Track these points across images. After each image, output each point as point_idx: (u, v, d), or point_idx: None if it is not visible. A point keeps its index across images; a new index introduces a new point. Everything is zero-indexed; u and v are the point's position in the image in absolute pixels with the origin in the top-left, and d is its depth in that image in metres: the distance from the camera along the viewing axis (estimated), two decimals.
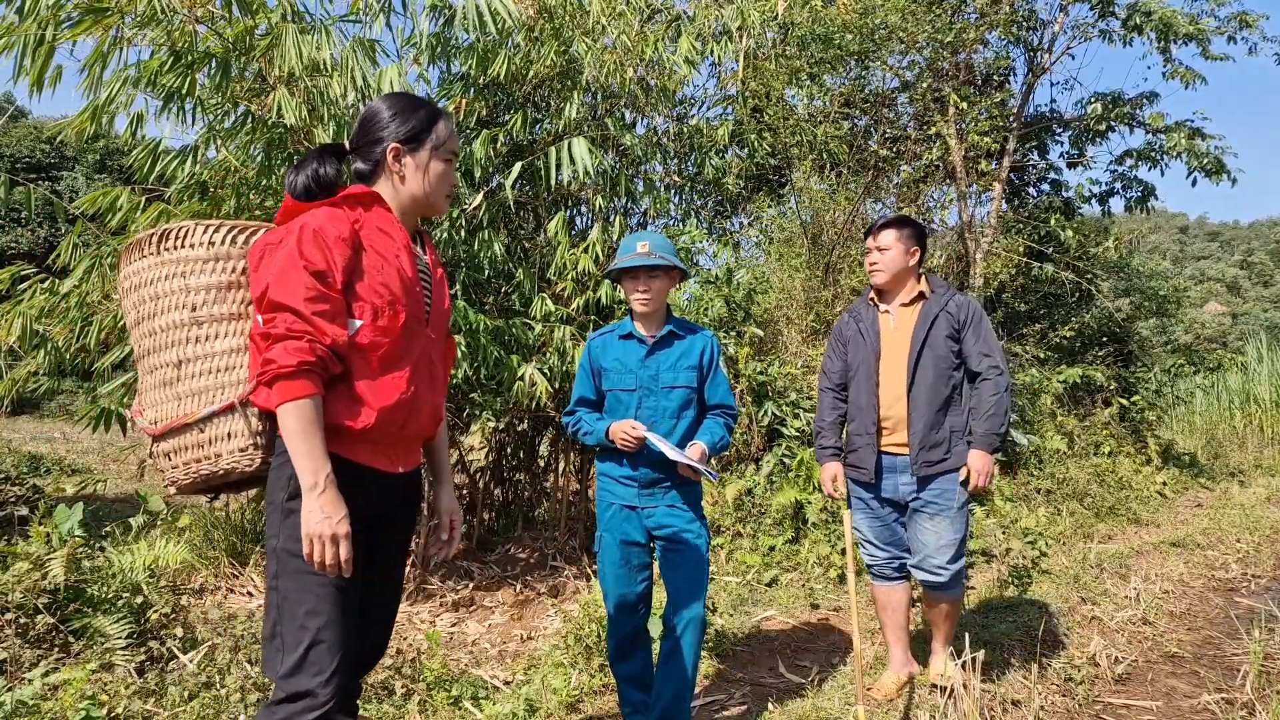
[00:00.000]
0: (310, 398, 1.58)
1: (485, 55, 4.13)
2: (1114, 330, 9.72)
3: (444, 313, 1.93)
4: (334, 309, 1.64)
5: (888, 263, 3.07)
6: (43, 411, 15.82)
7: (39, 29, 3.19)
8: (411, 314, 1.76)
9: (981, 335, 3.01)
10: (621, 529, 2.63)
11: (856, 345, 3.17)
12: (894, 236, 3.07)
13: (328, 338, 1.61)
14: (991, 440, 2.93)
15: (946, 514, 2.99)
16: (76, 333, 3.82)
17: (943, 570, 2.99)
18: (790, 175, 7.92)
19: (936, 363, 2.99)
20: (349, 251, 1.68)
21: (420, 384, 1.79)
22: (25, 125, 22.25)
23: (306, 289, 1.61)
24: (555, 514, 5.33)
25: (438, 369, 1.87)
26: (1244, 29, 8.25)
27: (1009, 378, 3.00)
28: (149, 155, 3.89)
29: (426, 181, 1.83)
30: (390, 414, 1.71)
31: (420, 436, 1.87)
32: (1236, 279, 50.55)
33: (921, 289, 3.10)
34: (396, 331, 1.71)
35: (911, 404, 3.01)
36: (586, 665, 3.23)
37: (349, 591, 1.66)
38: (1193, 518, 6.86)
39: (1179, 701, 3.13)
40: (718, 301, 5.71)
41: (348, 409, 1.67)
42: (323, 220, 1.68)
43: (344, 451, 1.67)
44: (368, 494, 1.72)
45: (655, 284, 2.63)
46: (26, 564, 2.98)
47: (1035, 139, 9.34)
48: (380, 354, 1.70)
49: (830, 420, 3.23)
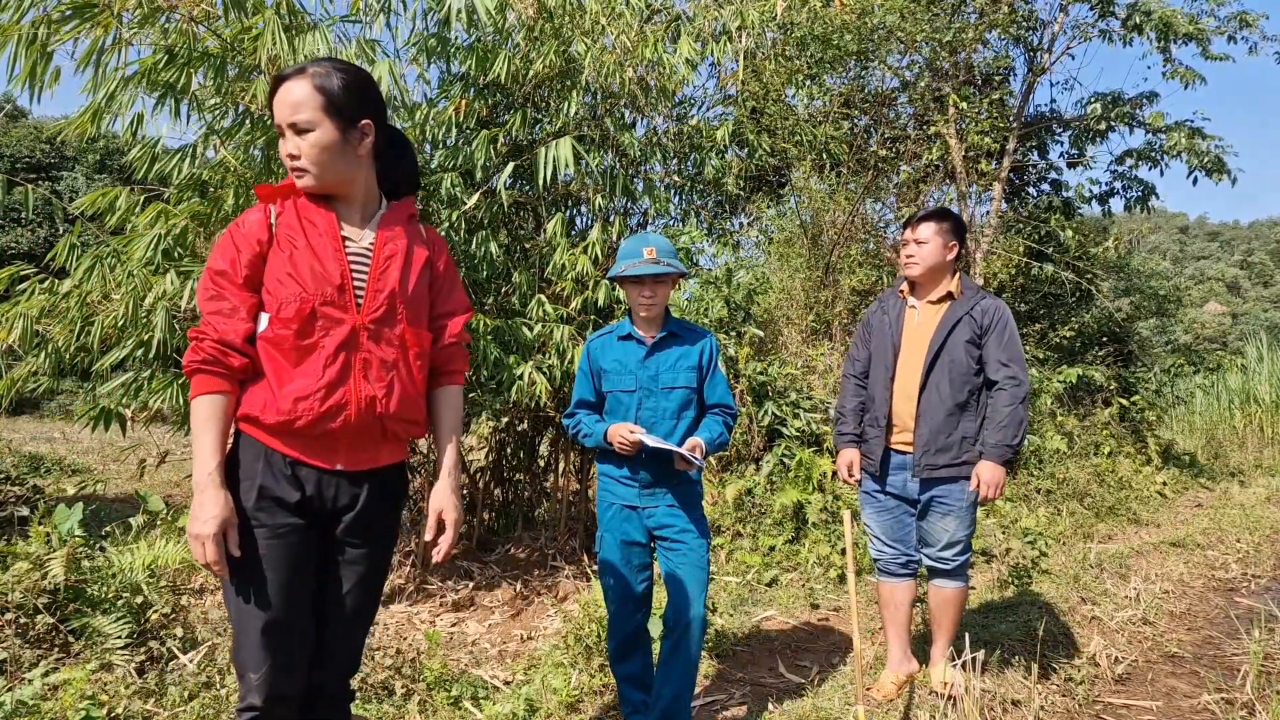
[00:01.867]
0: (203, 396, 1.64)
1: (485, 55, 4.13)
2: (1114, 330, 9.72)
3: (390, 295, 1.75)
4: (230, 306, 1.67)
5: (925, 256, 3.02)
6: (43, 411, 15.83)
7: (31, 28, 3.18)
8: (325, 302, 1.67)
9: (1003, 343, 2.94)
10: (622, 529, 2.63)
11: (880, 335, 3.14)
12: (933, 229, 3.01)
13: (216, 335, 1.65)
14: (1003, 452, 2.87)
15: (955, 514, 3.00)
16: (76, 332, 3.82)
17: (948, 562, 3.06)
18: (790, 175, 7.93)
19: (953, 367, 2.95)
20: (257, 248, 1.69)
21: (339, 375, 1.68)
22: (25, 125, 22.24)
23: (205, 289, 1.69)
24: (555, 514, 5.33)
25: (375, 358, 1.73)
26: (1244, 29, 8.25)
27: (1028, 389, 2.92)
28: (147, 154, 3.89)
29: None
30: (299, 407, 1.66)
31: (363, 432, 1.73)
32: (1236, 279, 50.56)
33: (950, 289, 3.06)
34: (299, 322, 1.66)
35: (921, 406, 2.99)
36: (586, 665, 3.23)
37: (272, 599, 1.66)
38: (1193, 518, 6.86)
39: (1179, 701, 3.13)
40: (717, 302, 5.71)
41: (261, 402, 1.68)
42: (244, 217, 1.72)
43: (277, 445, 1.69)
44: (305, 490, 1.70)
45: (660, 290, 2.63)
46: (26, 564, 2.98)
47: (1035, 139, 9.34)
48: (285, 346, 1.67)
49: (851, 407, 3.21)
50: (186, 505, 5.24)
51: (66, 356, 3.89)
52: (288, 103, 1.67)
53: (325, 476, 1.73)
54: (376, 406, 1.73)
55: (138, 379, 3.90)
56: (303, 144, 1.68)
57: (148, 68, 3.41)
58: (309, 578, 1.74)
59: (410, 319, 1.80)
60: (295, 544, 1.69)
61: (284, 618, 1.67)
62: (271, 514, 1.68)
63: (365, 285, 1.74)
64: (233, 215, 3.89)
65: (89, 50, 3.33)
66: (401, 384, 1.77)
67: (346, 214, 1.79)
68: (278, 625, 1.66)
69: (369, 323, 1.72)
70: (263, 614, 1.65)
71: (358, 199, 1.80)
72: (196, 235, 3.91)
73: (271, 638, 1.65)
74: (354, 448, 1.75)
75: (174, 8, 3.37)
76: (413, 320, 1.80)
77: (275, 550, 1.67)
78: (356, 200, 1.80)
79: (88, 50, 3.33)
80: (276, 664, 1.65)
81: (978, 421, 2.97)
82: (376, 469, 1.80)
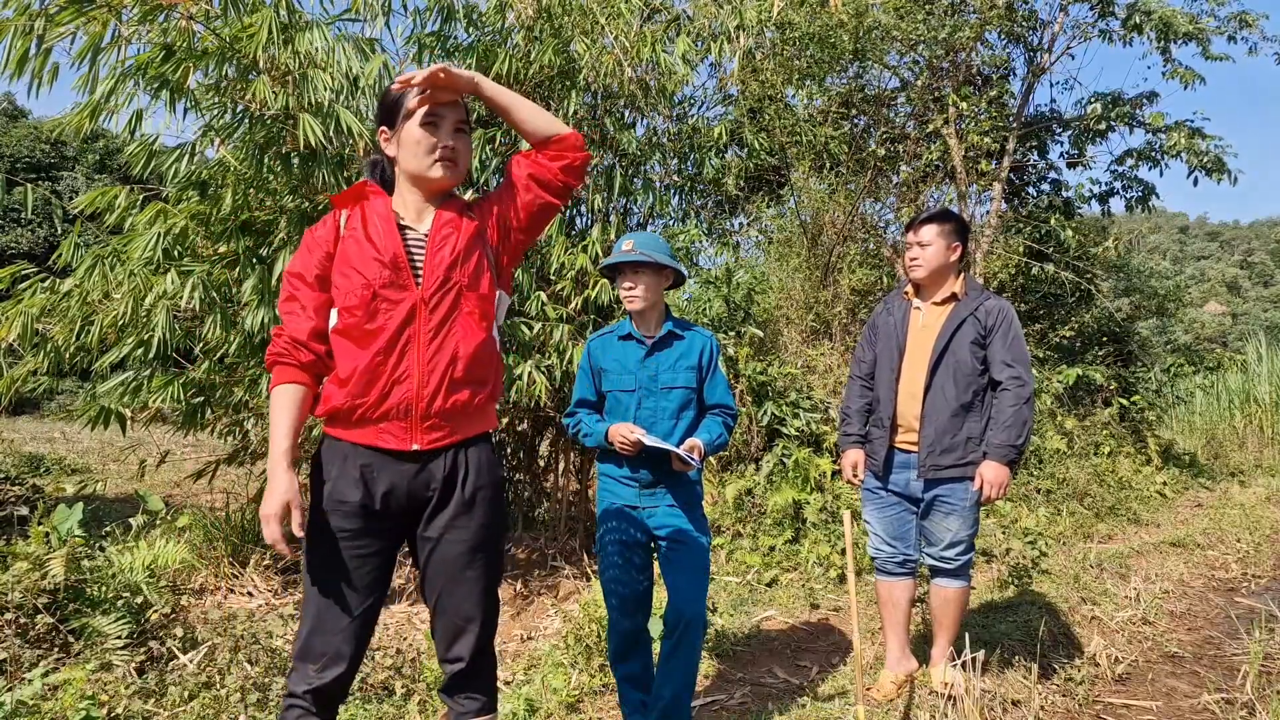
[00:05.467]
0: (278, 386, 1.79)
1: (485, 54, 4.13)
2: (1114, 330, 9.72)
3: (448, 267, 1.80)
4: (300, 305, 1.81)
5: (928, 258, 3.03)
6: (43, 411, 15.82)
7: (27, 19, 3.17)
8: (385, 285, 1.75)
9: (1008, 343, 2.94)
10: (622, 529, 2.63)
11: (885, 337, 3.16)
12: (935, 231, 3.02)
13: (288, 332, 1.81)
14: (1007, 452, 2.87)
15: (959, 513, 3.00)
16: (76, 332, 3.82)
17: (950, 561, 3.05)
18: (789, 175, 7.93)
19: (958, 367, 2.96)
20: (325, 249, 1.82)
21: (403, 348, 1.74)
22: (25, 125, 22.23)
23: (282, 291, 1.85)
24: (555, 514, 5.33)
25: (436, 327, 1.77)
26: (1244, 29, 8.24)
27: (1032, 389, 2.92)
28: (143, 151, 3.89)
29: (408, 153, 1.84)
30: (357, 386, 1.74)
31: (427, 409, 1.76)
32: (1236, 279, 50.56)
33: (955, 289, 3.06)
34: (363, 309, 1.75)
35: (926, 407, 2.99)
36: (586, 665, 3.22)
37: (336, 589, 1.73)
38: (1193, 518, 6.86)
39: (1179, 701, 3.13)
40: (717, 302, 5.71)
41: (332, 391, 1.79)
42: (316, 225, 1.87)
43: (354, 437, 1.76)
44: (375, 490, 1.76)
45: (642, 281, 2.62)
46: (26, 564, 2.98)
47: (1035, 139, 9.33)
48: (354, 334, 1.77)
49: (856, 408, 3.22)
50: (186, 505, 5.24)
51: (66, 356, 3.89)
52: (455, 102, 1.83)
53: (406, 458, 1.77)
54: (441, 373, 1.77)
55: (138, 378, 3.90)
56: (459, 143, 1.84)
57: (144, 64, 3.41)
58: (370, 584, 1.79)
59: (469, 284, 1.82)
60: (353, 549, 1.76)
61: (338, 619, 1.74)
62: (337, 516, 1.76)
63: (424, 263, 1.81)
64: (232, 215, 3.90)
65: (86, 45, 3.32)
66: (464, 346, 1.79)
67: (416, 206, 1.87)
68: (331, 626, 1.73)
69: (428, 295, 1.78)
70: (317, 609, 1.74)
71: (440, 199, 1.90)
72: (196, 235, 3.91)
73: (320, 635, 1.73)
74: (426, 425, 1.77)
75: (173, 5, 3.37)
76: (471, 284, 1.82)
77: (338, 551, 1.75)
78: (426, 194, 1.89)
79: (84, 45, 3.32)
80: (320, 657, 1.72)
81: (983, 422, 2.97)
82: (454, 444, 1.80)
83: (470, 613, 1.81)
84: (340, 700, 1.82)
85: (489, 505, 1.83)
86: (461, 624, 1.81)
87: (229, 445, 4.71)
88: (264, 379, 4.11)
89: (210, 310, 3.72)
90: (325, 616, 1.74)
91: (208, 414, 4.23)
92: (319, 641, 1.74)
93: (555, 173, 1.88)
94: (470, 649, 1.82)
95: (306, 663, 1.74)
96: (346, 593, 1.75)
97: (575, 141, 1.88)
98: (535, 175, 1.88)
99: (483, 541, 1.82)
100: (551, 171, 1.88)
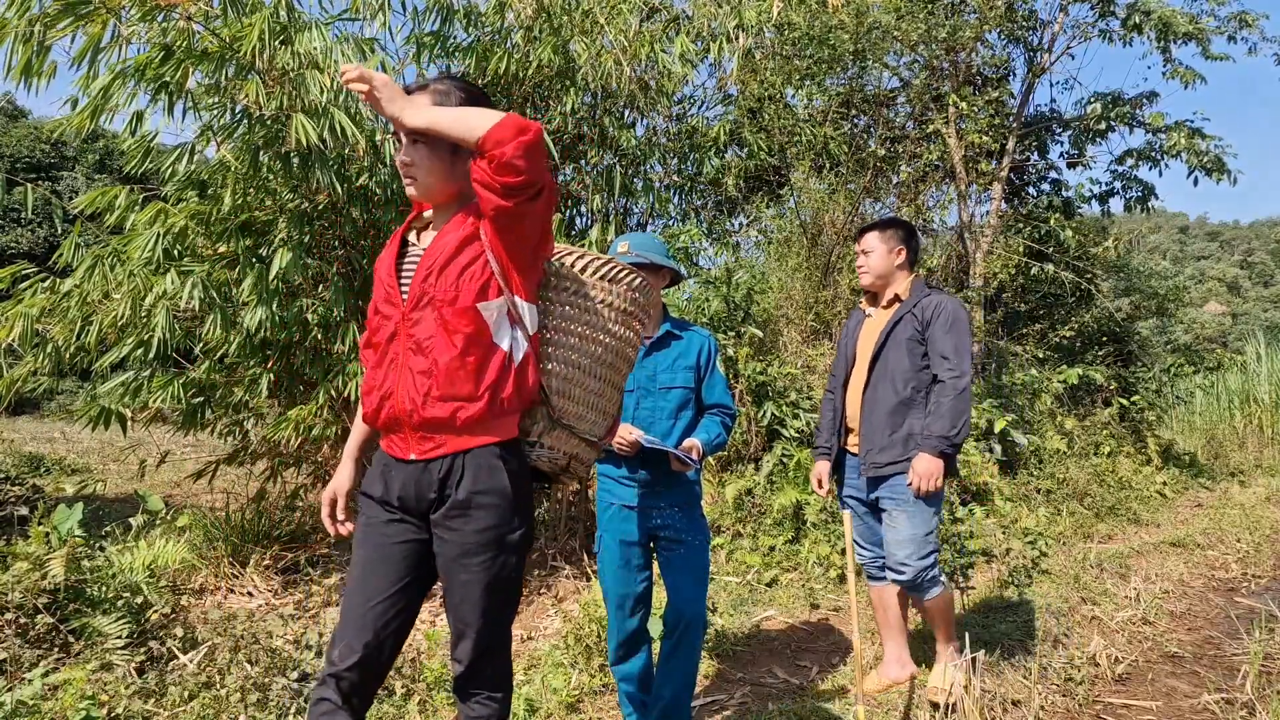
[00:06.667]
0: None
1: (484, 54, 4.13)
2: (1114, 330, 9.72)
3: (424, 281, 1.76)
4: (368, 336, 1.93)
5: (872, 264, 3.13)
6: (43, 411, 15.84)
7: (27, 24, 3.18)
8: (385, 301, 1.84)
9: (944, 335, 2.93)
10: (621, 529, 2.63)
11: (841, 345, 3.29)
12: (876, 238, 3.12)
13: (361, 344, 2.00)
14: (938, 443, 2.83)
15: (903, 508, 2.93)
16: (76, 332, 3.82)
17: (903, 567, 2.92)
18: (789, 175, 7.93)
19: (895, 364, 2.99)
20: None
21: (388, 365, 1.81)
22: (25, 125, 22.23)
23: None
24: (555, 514, 5.32)
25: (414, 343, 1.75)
26: (1244, 29, 8.25)
27: (968, 381, 2.89)
28: (141, 150, 3.88)
29: None
30: (366, 400, 1.86)
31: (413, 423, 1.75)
32: (1236, 279, 50.56)
33: (899, 291, 3.12)
34: (370, 327, 1.89)
35: (865, 406, 3.05)
36: (586, 665, 3.23)
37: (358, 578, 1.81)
38: (1193, 518, 6.86)
39: (1179, 701, 3.13)
40: (716, 302, 5.71)
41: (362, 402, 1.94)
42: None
43: (382, 442, 1.89)
44: (393, 487, 1.84)
45: None
46: (26, 564, 2.98)
47: (1035, 139, 9.33)
48: (370, 350, 1.91)
49: (826, 420, 3.30)
50: (186, 505, 5.24)
51: (66, 356, 3.89)
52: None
53: (410, 469, 1.81)
54: (418, 389, 1.75)
55: (138, 378, 3.90)
56: (414, 155, 1.77)
57: (142, 64, 3.41)
58: (394, 573, 1.81)
59: (444, 298, 1.75)
60: (380, 538, 1.82)
61: (358, 606, 1.78)
62: (367, 504, 1.86)
63: (411, 281, 1.81)
64: (232, 215, 3.90)
65: (85, 46, 3.33)
66: (440, 361, 1.74)
67: (430, 220, 1.90)
68: (351, 613, 1.77)
69: (409, 312, 1.79)
70: (345, 596, 1.81)
71: (452, 209, 1.85)
72: (196, 234, 3.91)
73: (341, 623, 1.78)
74: (418, 435, 1.79)
75: (172, 6, 3.37)
76: (446, 298, 1.75)
77: (364, 541, 1.84)
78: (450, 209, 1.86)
79: (84, 46, 3.33)
80: (344, 646, 1.76)
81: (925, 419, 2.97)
82: (452, 454, 1.78)
83: (466, 616, 1.80)
84: (363, 696, 1.78)
85: (491, 511, 1.78)
86: (461, 627, 1.82)
87: (229, 445, 4.71)
88: (264, 379, 4.11)
89: (210, 310, 3.72)
90: (347, 604, 1.80)
91: (208, 414, 4.24)
92: (340, 629, 1.79)
93: (489, 175, 1.68)
94: (468, 653, 1.81)
95: (332, 648, 1.79)
96: (367, 583, 1.80)
97: (498, 136, 1.63)
98: (478, 180, 1.71)
99: (480, 546, 1.77)
100: (486, 174, 1.68)
